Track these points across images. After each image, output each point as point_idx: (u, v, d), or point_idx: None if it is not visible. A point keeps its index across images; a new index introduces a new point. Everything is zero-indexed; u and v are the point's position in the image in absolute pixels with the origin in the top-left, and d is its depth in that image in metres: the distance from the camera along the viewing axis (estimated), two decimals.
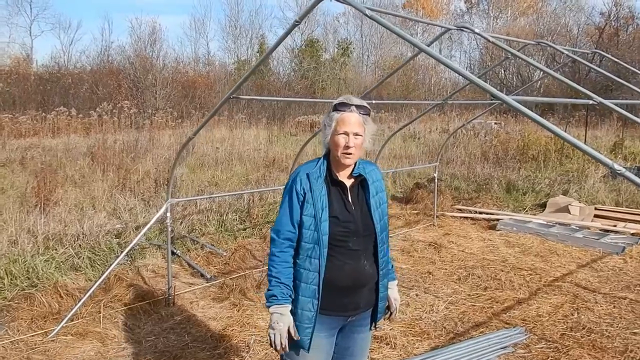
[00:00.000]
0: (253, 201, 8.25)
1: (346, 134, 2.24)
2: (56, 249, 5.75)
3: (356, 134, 2.25)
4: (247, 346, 4.12)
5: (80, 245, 5.97)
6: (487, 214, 8.74)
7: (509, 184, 10.55)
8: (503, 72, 33.77)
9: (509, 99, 2.39)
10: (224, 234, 7.15)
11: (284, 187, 2.36)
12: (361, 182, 2.37)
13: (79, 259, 5.68)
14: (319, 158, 2.36)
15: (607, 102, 3.50)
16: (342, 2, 3.17)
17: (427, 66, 34.98)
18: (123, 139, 13.68)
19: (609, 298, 5.21)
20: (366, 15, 3.05)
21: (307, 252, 2.24)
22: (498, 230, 7.82)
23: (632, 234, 7.36)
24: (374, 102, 6.43)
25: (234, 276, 5.71)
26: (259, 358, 3.96)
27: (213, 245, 6.68)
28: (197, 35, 39.74)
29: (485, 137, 14.99)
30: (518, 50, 6.64)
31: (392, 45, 39.12)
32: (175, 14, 62.15)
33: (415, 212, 9.12)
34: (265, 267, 5.75)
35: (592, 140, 15.68)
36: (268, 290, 2.26)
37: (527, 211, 9.06)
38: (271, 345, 2.26)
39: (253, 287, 5.30)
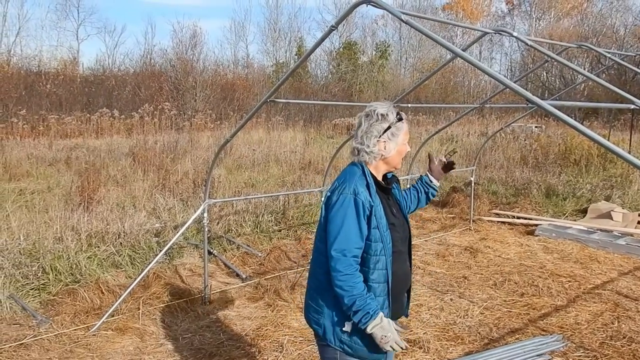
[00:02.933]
0: (288, 203, 8.33)
1: (408, 143, 2.36)
2: (98, 247, 5.96)
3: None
4: (281, 346, 4.18)
5: (121, 243, 6.16)
6: (525, 219, 8.57)
7: (549, 188, 10.30)
8: (545, 74, 32.97)
9: (545, 103, 2.37)
10: (260, 235, 7.25)
11: (329, 200, 2.25)
12: (393, 183, 2.46)
13: (119, 256, 5.87)
14: (358, 169, 2.29)
15: None
16: (378, 7, 3.20)
17: (466, 69, 34.50)
18: (163, 140, 14.03)
19: None
20: (402, 20, 3.07)
21: (375, 265, 2.20)
22: (536, 235, 7.66)
23: None
24: (409, 106, 6.42)
25: (269, 277, 5.80)
26: (292, 358, 4.02)
27: (249, 245, 6.79)
28: (237, 38, 40.36)
29: (525, 140, 14.67)
30: (559, 53, 6.51)
31: (430, 48, 38.72)
32: (216, 17, 63.19)
33: (452, 216, 9.03)
34: (300, 268, 5.84)
35: (639, 144, 15.15)
36: (355, 312, 2.10)
37: (567, 217, 8.84)
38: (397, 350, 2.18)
39: (287, 288, 5.36)
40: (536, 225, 8.02)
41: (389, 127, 2.27)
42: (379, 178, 2.35)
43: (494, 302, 5.16)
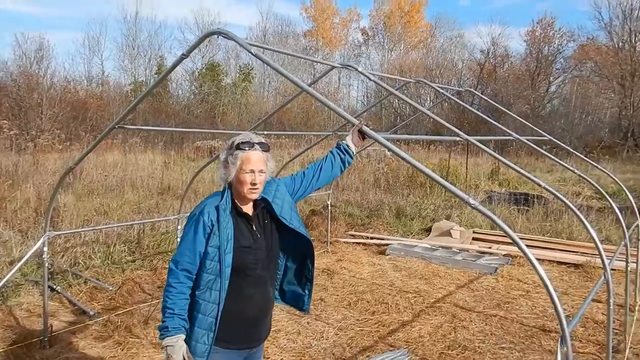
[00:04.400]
0: (144, 231, 7.95)
1: (252, 171, 2.33)
2: None
3: (260, 171, 2.36)
4: None
5: None
6: (377, 239, 9.14)
7: (399, 209, 11.11)
8: (397, 101, 35.66)
9: (379, 136, 2.60)
10: (111, 267, 6.82)
11: (184, 219, 2.37)
12: (265, 206, 2.46)
13: None
14: (222, 192, 2.38)
15: (471, 138, 3.87)
16: (228, 39, 3.26)
17: (326, 94, 36.06)
18: (0, 162, 12.62)
19: (482, 316, 5.65)
20: (251, 53, 3.16)
21: (207, 283, 2.25)
22: (387, 255, 8.19)
23: (504, 255, 8.05)
24: (272, 134, 6.56)
25: (120, 312, 5.47)
26: None
27: (98, 279, 6.35)
28: (91, 53, 37.72)
29: (378, 164, 15.67)
30: (400, 87, 7.13)
31: (292, 72, 39.84)
32: (67, 29, 58.90)
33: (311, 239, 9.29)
34: (155, 301, 5.59)
35: (474, 167, 16.96)
36: (162, 322, 2.23)
37: (414, 235, 9.59)
38: None
39: (140, 322, 5.11)
40: (387, 244, 8.58)
41: (230, 155, 2.36)
42: (242, 204, 2.40)
43: (347, 322, 5.41)
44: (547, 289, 2.21)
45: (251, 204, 2.43)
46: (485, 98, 7.03)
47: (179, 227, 6.01)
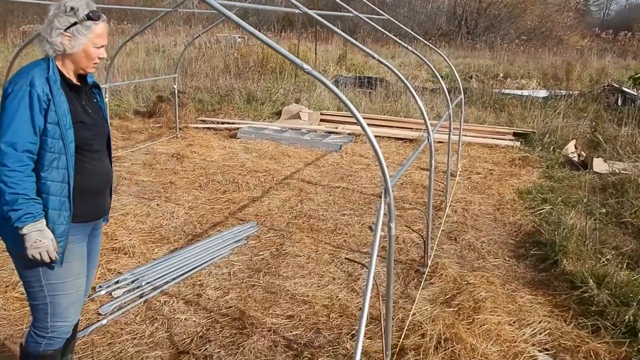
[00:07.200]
0: None
1: (102, 46, 2.22)
2: None
3: (103, 45, 2.25)
4: None
5: None
6: (228, 123, 9.11)
7: (250, 94, 11.07)
8: None
9: (219, 5, 2.48)
10: None
11: (3, 95, 2.06)
12: (92, 88, 2.37)
13: None
14: (44, 61, 2.15)
15: (311, 12, 3.90)
16: None
17: None
18: None
19: (326, 189, 6.09)
20: None
21: (52, 163, 2.09)
22: (238, 138, 8.26)
23: (349, 134, 8.57)
24: (105, 6, 5.92)
25: None
26: None
27: None
28: None
29: (229, 50, 15.17)
30: None
31: None
32: None
33: (159, 125, 8.99)
34: None
35: (324, 52, 17.21)
36: (15, 210, 2.02)
37: (265, 119, 9.72)
38: (37, 261, 2.11)
39: None
40: (238, 128, 8.61)
41: (75, 23, 2.13)
42: (70, 76, 2.22)
43: (198, 202, 5.49)
44: (372, 146, 2.42)
45: (79, 79, 2.29)
46: None
47: None
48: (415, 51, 5.55)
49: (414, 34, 6.78)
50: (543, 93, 11.82)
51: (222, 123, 9.16)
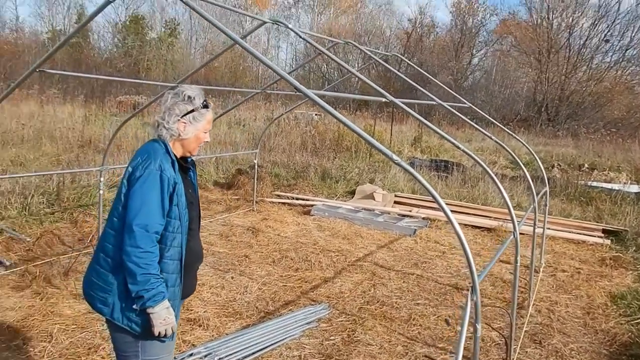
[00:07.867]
0: (64, 183, 7.57)
1: (209, 131, 2.39)
2: None
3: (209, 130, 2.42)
4: (50, 335, 3.85)
5: None
6: (303, 199, 9.24)
7: (324, 172, 11.26)
8: (325, 66, 35.62)
9: (310, 92, 2.59)
10: (28, 219, 6.50)
11: (132, 176, 2.19)
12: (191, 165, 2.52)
13: None
14: (160, 146, 2.27)
15: (397, 100, 3.96)
16: None
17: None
18: None
19: (400, 274, 5.92)
20: (182, 0, 3.03)
21: (172, 242, 2.21)
22: (312, 215, 8.32)
23: (423, 218, 8.42)
24: (206, 88, 6.35)
25: (38, 263, 5.24)
26: (63, 347, 3.72)
27: (14, 230, 6.02)
28: None
29: (305, 127, 15.71)
30: (329, 48, 7.12)
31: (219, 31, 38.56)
32: None
33: (236, 197, 9.25)
34: (76, 253, 5.39)
35: (398, 133, 17.43)
36: (147, 290, 2.10)
37: (338, 197, 9.78)
38: (160, 337, 2.21)
39: (60, 274, 4.93)
40: (312, 205, 8.70)
41: (192, 110, 2.29)
42: (181, 159, 2.38)
43: (271, 278, 5.48)
44: (462, 244, 2.35)
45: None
46: (412, 64, 7.18)
47: (102, 179, 5.77)
48: (493, 136, 5.46)
49: (491, 119, 6.71)
50: (635, 188, 11.13)
51: (297, 199, 9.30)
